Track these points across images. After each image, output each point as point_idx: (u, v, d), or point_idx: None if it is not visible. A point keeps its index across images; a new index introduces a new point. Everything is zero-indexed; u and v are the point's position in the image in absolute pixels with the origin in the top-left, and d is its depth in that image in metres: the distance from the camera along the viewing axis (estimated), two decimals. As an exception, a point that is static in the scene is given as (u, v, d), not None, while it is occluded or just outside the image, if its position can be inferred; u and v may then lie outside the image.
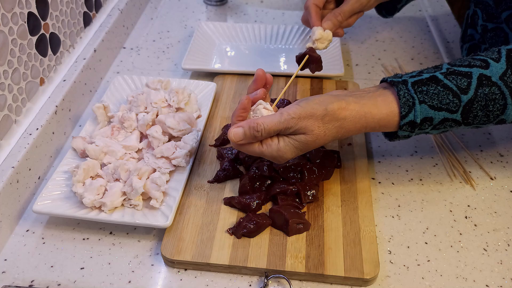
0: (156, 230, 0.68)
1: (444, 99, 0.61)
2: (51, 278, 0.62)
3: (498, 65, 0.62)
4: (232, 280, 0.62)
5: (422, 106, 0.61)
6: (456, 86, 0.62)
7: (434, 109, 0.62)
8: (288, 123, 0.61)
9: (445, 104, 0.61)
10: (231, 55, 1.01)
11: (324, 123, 0.61)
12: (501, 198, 0.73)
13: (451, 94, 0.61)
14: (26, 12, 0.73)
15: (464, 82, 0.62)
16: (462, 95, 0.61)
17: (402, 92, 0.62)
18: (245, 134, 0.61)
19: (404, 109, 0.61)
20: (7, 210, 0.66)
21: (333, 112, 0.61)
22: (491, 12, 0.86)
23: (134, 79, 0.89)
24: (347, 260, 0.61)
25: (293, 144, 0.62)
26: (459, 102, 0.61)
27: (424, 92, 0.62)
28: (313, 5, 0.80)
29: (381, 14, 0.95)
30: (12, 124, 0.72)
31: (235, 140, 0.62)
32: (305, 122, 0.61)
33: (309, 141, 0.61)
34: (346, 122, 0.62)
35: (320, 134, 0.61)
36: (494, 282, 0.62)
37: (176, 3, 1.22)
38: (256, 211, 0.67)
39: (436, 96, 0.61)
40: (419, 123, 0.62)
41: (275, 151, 0.62)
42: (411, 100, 0.61)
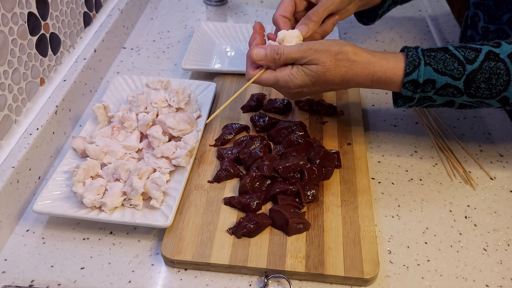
0: (156, 230, 0.68)
1: (449, 65, 0.65)
2: (51, 278, 0.62)
3: (510, 46, 0.65)
4: (232, 280, 0.62)
5: (427, 68, 0.65)
6: (463, 56, 0.65)
7: (438, 73, 0.65)
8: (305, 53, 0.67)
9: (449, 70, 0.65)
10: (231, 55, 1.01)
11: (337, 60, 0.67)
12: (501, 198, 0.73)
13: (456, 62, 0.65)
14: (26, 12, 0.73)
15: (472, 54, 0.65)
16: (467, 64, 0.64)
17: (411, 53, 0.67)
18: (266, 55, 0.68)
19: (409, 67, 0.65)
20: (7, 210, 0.66)
21: (347, 52, 0.67)
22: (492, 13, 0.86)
23: (134, 79, 0.89)
24: (347, 260, 0.61)
25: (304, 72, 0.68)
26: (463, 70, 0.64)
27: (431, 56, 0.66)
28: (280, 17, 0.77)
29: (362, 22, 0.91)
30: (12, 124, 0.72)
31: (257, 58, 0.69)
32: (320, 55, 0.66)
33: (320, 71, 0.67)
34: (355, 64, 0.67)
35: (330, 67, 0.66)
36: (494, 282, 0.62)
37: (176, 3, 1.22)
38: (256, 211, 0.67)
39: (442, 62, 0.65)
40: (421, 83, 0.65)
41: (287, 75, 0.68)
42: (417, 60, 0.65)
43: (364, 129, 0.82)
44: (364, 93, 0.92)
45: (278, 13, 0.77)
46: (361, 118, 0.84)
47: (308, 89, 0.70)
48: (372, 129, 0.84)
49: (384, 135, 0.83)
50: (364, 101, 0.90)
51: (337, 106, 0.86)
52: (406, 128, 0.84)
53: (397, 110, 0.88)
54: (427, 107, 0.71)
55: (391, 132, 0.84)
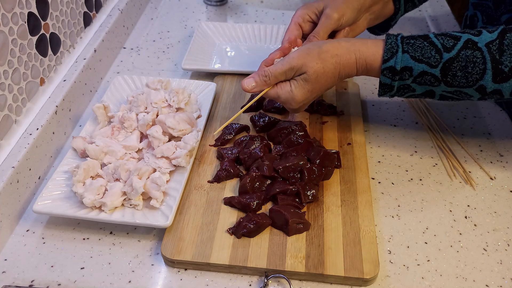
0: (156, 230, 0.68)
1: (426, 53, 0.66)
2: (51, 278, 0.62)
3: (489, 35, 0.65)
4: (232, 280, 0.62)
5: (404, 55, 0.66)
6: (441, 44, 0.66)
7: (415, 60, 0.66)
8: (290, 64, 0.69)
9: (426, 58, 0.66)
10: (231, 55, 1.01)
11: (321, 60, 0.68)
12: (501, 198, 0.73)
13: (434, 49, 0.66)
14: (26, 12, 0.73)
15: (450, 42, 0.66)
16: (444, 52, 0.65)
17: (390, 40, 0.68)
18: (256, 82, 0.71)
19: (386, 54, 0.67)
20: (7, 210, 0.66)
21: (327, 49, 0.69)
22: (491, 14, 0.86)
23: (134, 79, 0.89)
24: (347, 260, 0.61)
25: (300, 84, 0.70)
26: (440, 58, 0.65)
27: (410, 44, 0.67)
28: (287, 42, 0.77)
29: (374, 33, 0.91)
30: (12, 124, 0.72)
31: (249, 88, 0.71)
32: (303, 60, 0.68)
33: (312, 78, 0.69)
34: (340, 57, 0.69)
35: (319, 69, 0.68)
36: (494, 282, 0.62)
37: (176, 3, 1.22)
38: (256, 211, 0.67)
39: (419, 49, 0.66)
40: (399, 70, 0.67)
41: (288, 92, 0.71)
42: (395, 47, 0.67)
43: (364, 129, 0.82)
44: (364, 93, 0.92)
45: (285, 39, 0.77)
46: (361, 118, 0.84)
47: (308, 100, 0.72)
48: (372, 129, 0.84)
49: (384, 135, 0.83)
50: (364, 101, 0.90)
51: (337, 106, 0.86)
52: (406, 128, 0.84)
53: (397, 110, 0.88)
54: (409, 97, 0.72)
55: (391, 132, 0.84)
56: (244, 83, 0.71)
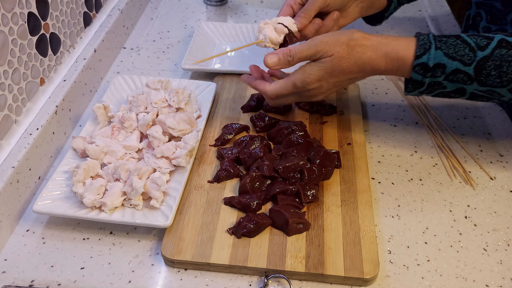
0: (156, 230, 0.68)
1: (459, 50, 0.65)
2: (51, 278, 0.62)
3: None
4: (232, 280, 0.62)
5: (438, 52, 0.65)
6: (474, 43, 0.65)
7: (448, 57, 0.65)
8: (317, 47, 0.68)
9: (460, 55, 0.65)
10: (231, 55, 1.01)
11: (349, 47, 0.67)
12: (501, 198, 0.73)
13: (468, 48, 0.65)
14: (26, 12, 0.73)
15: (483, 41, 0.65)
16: (478, 51, 0.65)
17: (422, 37, 0.67)
18: (280, 59, 0.69)
19: (419, 50, 0.66)
20: (7, 210, 0.66)
21: (357, 38, 0.68)
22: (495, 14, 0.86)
23: (134, 79, 0.89)
24: (347, 260, 0.61)
25: (317, 65, 0.68)
26: (474, 56, 0.65)
27: (443, 41, 0.66)
28: None
29: (369, 23, 0.93)
30: (12, 124, 0.72)
31: (271, 64, 0.70)
32: (331, 46, 0.67)
33: (334, 61, 0.67)
34: (368, 48, 0.68)
35: (344, 55, 0.67)
36: (494, 282, 0.62)
37: (176, 3, 1.22)
38: (256, 211, 0.67)
39: (453, 47, 0.65)
40: (431, 67, 0.65)
41: (301, 73, 0.69)
42: (428, 43, 0.66)
43: (364, 129, 0.82)
44: (364, 93, 0.92)
45: None
46: (361, 118, 0.84)
47: (326, 83, 0.70)
48: (372, 129, 0.84)
49: (384, 135, 0.83)
50: (364, 101, 0.90)
51: (337, 106, 0.86)
52: (406, 128, 0.84)
53: (397, 110, 0.88)
54: (437, 96, 0.70)
55: (391, 132, 0.84)
56: (268, 59, 0.70)
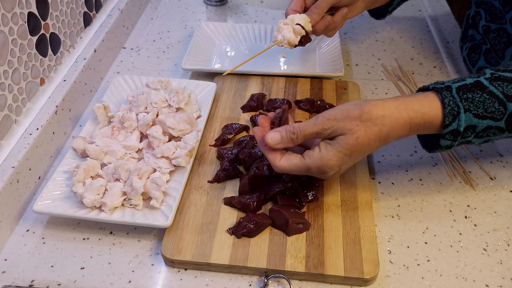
0: (156, 230, 0.68)
1: (489, 107, 0.60)
2: (51, 278, 0.62)
3: None
4: (232, 280, 0.62)
5: (467, 114, 0.60)
6: (502, 93, 0.60)
7: (479, 118, 0.60)
8: (324, 125, 0.60)
9: (490, 113, 0.60)
10: (231, 55, 1.01)
11: (363, 122, 0.60)
12: (501, 198, 0.73)
13: (497, 102, 0.60)
14: (26, 12, 0.73)
15: (510, 88, 0.60)
16: (508, 102, 0.60)
17: (447, 100, 0.60)
18: (282, 137, 0.62)
19: (448, 118, 0.60)
20: (7, 210, 0.66)
21: (369, 110, 0.60)
22: (495, 13, 0.86)
23: (134, 79, 0.89)
24: (347, 260, 0.61)
25: (335, 148, 0.60)
26: (504, 110, 0.60)
27: (469, 99, 0.60)
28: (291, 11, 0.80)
29: (374, 16, 0.95)
30: (12, 124, 0.72)
31: (273, 143, 0.62)
32: (342, 123, 0.60)
33: (351, 142, 0.60)
34: (386, 119, 0.60)
35: (360, 133, 0.60)
36: (494, 282, 0.62)
37: (176, 3, 1.22)
38: (256, 211, 0.67)
39: (481, 104, 0.60)
40: (462, 131, 0.61)
41: (319, 160, 0.61)
42: (456, 109, 0.60)
43: (364, 129, 0.82)
44: (364, 93, 0.92)
45: (289, 8, 0.81)
46: (361, 118, 0.83)
47: (346, 165, 0.63)
48: (372, 129, 0.84)
49: (384, 135, 0.83)
50: (364, 101, 0.90)
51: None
52: (406, 128, 0.84)
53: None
54: None
55: (391, 132, 0.84)
56: (269, 138, 0.62)
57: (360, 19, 1.14)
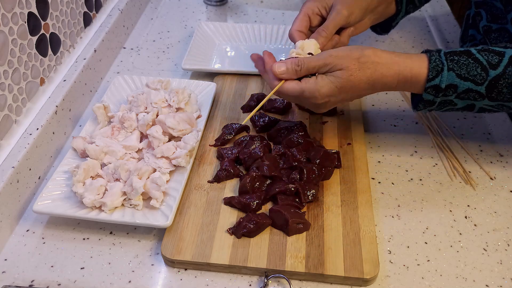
0: (156, 230, 0.68)
1: (472, 71, 0.64)
2: (51, 278, 0.62)
3: None
4: (232, 280, 0.62)
5: (450, 73, 0.65)
6: (486, 61, 0.64)
7: (461, 78, 0.65)
8: (326, 60, 0.67)
9: (472, 76, 0.64)
10: (231, 55, 1.01)
11: (360, 63, 0.66)
12: (501, 198, 0.73)
13: (480, 67, 0.64)
14: (26, 12, 0.73)
15: (495, 58, 0.64)
16: (490, 69, 0.64)
17: (434, 57, 0.66)
18: (288, 68, 0.68)
19: (432, 73, 0.65)
20: (7, 210, 0.66)
21: (369, 55, 0.66)
22: (496, 13, 0.86)
23: (134, 79, 0.89)
24: (347, 260, 0.61)
25: (330, 80, 0.67)
26: (486, 76, 0.64)
27: (455, 61, 0.65)
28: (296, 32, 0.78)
29: (375, 31, 0.94)
30: (12, 124, 0.72)
31: (279, 72, 0.68)
32: (342, 60, 0.66)
33: (345, 76, 0.66)
34: (380, 65, 0.66)
35: (355, 70, 0.66)
36: (494, 282, 0.62)
37: (176, 3, 1.22)
38: (256, 211, 0.67)
39: (465, 66, 0.65)
40: (443, 88, 0.65)
41: (313, 84, 0.67)
42: (440, 65, 0.65)
43: (364, 129, 0.82)
44: (364, 93, 0.92)
45: (294, 28, 0.79)
46: (361, 118, 0.84)
47: (335, 98, 0.69)
48: (372, 129, 0.84)
49: (384, 135, 0.83)
50: (364, 101, 0.90)
51: (337, 106, 0.86)
52: (406, 128, 0.84)
53: (397, 110, 0.88)
54: (446, 111, 0.70)
55: (391, 132, 0.84)
56: (276, 67, 0.68)
57: (360, 19, 1.13)
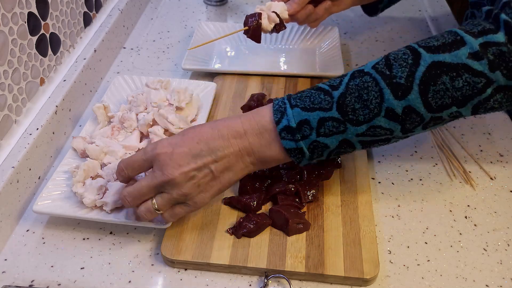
0: (156, 230, 0.68)
1: (315, 99, 0.59)
2: (51, 278, 0.62)
3: (374, 60, 0.60)
4: (232, 280, 0.62)
5: (295, 109, 0.59)
6: (328, 86, 0.60)
7: (307, 110, 0.59)
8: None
9: (317, 103, 0.59)
10: (231, 55, 1.01)
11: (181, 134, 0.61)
12: (501, 198, 0.73)
13: (322, 93, 0.60)
14: (26, 12, 0.73)
15: (336, 80, 0.60)
16: (333, 91, 0.59)
17: (276, 101, 0.61)
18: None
19: (276, 116, 0.60)
20: (7, 210, 0.66)
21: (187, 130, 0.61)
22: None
23: (134, 79, 0.89)
24: (347, 260, 0.61)
25: None
26: (331, 99, 0.59)
27: (297, 98, 0.60)
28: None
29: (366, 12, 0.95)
30: (12, 124, 0.72)
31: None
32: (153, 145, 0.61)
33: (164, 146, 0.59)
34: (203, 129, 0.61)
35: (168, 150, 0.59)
36: (494, 282, 0.62)
37: (176, 3, 1.22)
38: (256, 211, 0.67)
39: (307, 98, 0.60)
40: (295, 127, 0.59)
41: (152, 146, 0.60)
42: (282, 106, 0.60)
43: (364, 129, 0.82)
44: (364, 93, 0.92)
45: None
46: (361, 118, 0.83)
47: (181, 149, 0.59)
48: (372, 129, 0.84)
49: (384, 135, 0.83)
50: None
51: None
52: (406, 128, 0.84)
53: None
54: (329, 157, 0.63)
55: (391, 132, 0.84)
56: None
57: (360, 19, 1.14)
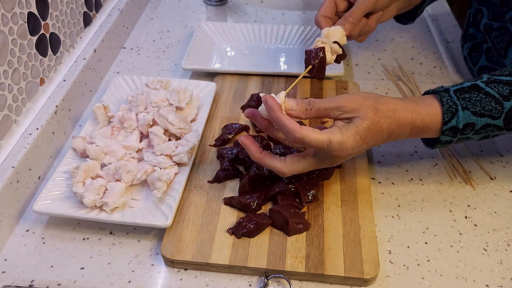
0: (156, 230, 0.68)
1: (486, 106, 0.63)
2: (51, 278, 0.62)
3: None
4: (232, 280, 0.62)
5: (465, 112, 0.63)
6: (498, 93, 0.63)
7: (477, 115, 0.63)
8: (339, 102, 0.61)
9: (488, 111, 0.63)
10: (231, 55, 1.01)
11: (378, 110, 0.61)
12: (501, 198, 0.73)
13: (493, 101, 0.63)
14: (26, 12, 0.73)
15: (506, 89, 0.63)
16: (504, 101, 0.63)
17: (445, 99, 0.63)
18: (298, 104, 0.62)
19: (447, 115, 0.63)
20: (7, 210, 0.66)
21: (384, 102, 0.62)
22: (496, 10, 0.86)
23: (134, 79, 0.89)
24: (347, 260, 0.61)
25: (352, 130, 0.60)
26: (501, 109, 0.63)
27: (467, 99, 0.63)
28: (322, 17, 0.78)
29: (399, 21, 0.92)
30: (12, 124, 0.72)
31: (288, 107, 0.62)
32: (357, 105, 0.61)
33: (365, 125, 0.60)
34: (397, 113, 0.62)
35: (374, 119, 0.60)
36: (494, 282, 0.62)
37: (176, 3, 1.22)
38: (256, 211, 0.67)
39: (478, 103, 0.63)
40: (461, 128, 0.63)
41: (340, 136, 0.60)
42: (454, 106, 0.63)
43: (364, 129, 0.81)
44: (364, 93, 0.92)
45: (320, 14, 0.79)
46: (361, 118, 0.83)
47: (357, 150, 0.62)
48: (372, 129, 0.84)
49: (384, 135, 0.83)
50: (364, 101, 0.90)
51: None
52: (406, 128, 0.84)
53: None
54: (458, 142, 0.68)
55: (391, 132, 0.84)
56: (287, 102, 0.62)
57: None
